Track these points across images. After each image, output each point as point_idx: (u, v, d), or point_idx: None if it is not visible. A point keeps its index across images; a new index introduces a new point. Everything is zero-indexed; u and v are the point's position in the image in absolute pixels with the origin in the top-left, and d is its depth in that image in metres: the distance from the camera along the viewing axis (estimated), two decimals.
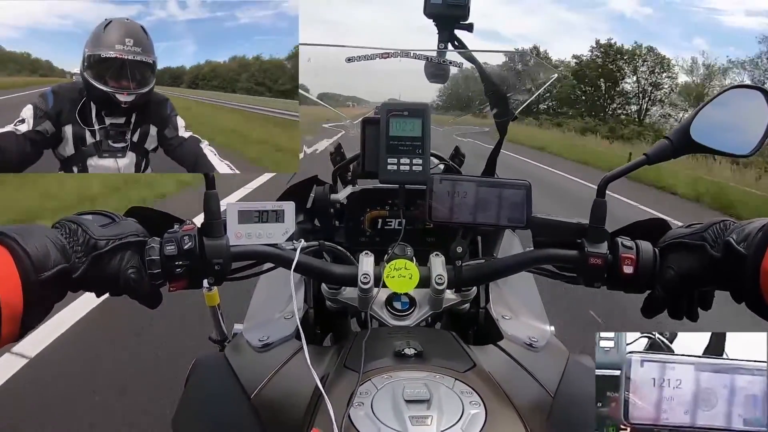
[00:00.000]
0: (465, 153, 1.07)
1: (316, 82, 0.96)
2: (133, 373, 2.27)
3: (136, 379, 2.21)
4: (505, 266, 0.80)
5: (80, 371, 2.28)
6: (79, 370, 2.29)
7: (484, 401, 0.58)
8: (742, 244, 0.59)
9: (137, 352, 2.43)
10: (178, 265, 0.66)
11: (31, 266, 0.54)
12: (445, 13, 0.95)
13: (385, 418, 0.54)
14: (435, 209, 0.74)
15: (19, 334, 0.55)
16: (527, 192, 0.73)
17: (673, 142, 0.71)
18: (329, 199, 1.01)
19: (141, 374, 2.25)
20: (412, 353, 0.66)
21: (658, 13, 62.18)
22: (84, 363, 2.35)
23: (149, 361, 2.34)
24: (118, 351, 2.45)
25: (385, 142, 0.81)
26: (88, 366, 2.33)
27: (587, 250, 0.71)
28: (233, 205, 0.71)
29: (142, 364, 2.33)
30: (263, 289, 1.04)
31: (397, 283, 0.74)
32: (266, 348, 0.82)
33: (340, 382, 0.63)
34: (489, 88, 0.98)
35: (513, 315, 0.93)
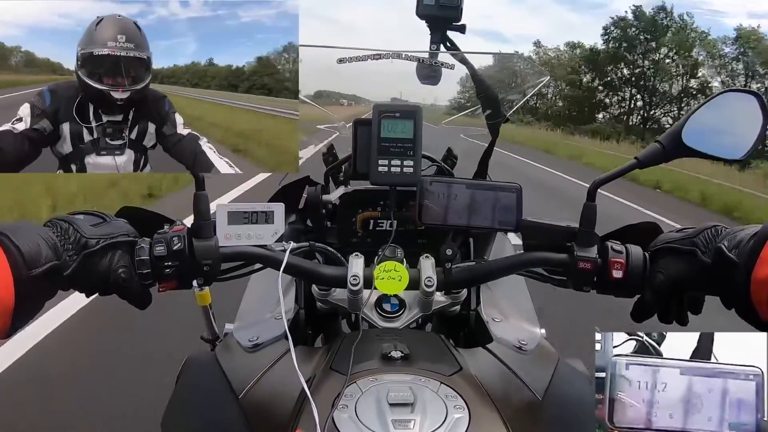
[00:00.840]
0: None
1: (313, 83, 0.96)
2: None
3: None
4: (494, 269, 0.80)
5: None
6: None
7: (468, 405, 0.57)
8: (733, 251, 0.59)
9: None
10: (167, 265, 0.66)
11: (23, 262, 0.54)
12: (437, 14, 0.95)
13: (368, 421, 0.54)
14: (425, 211, 0.74)
15: (10, 331, 0.56)
16: (518, 195, 0.73)
17: (665, 146, 0.70)
18: (321, 199, 1.00)
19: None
20: (399, 356, 0.66)
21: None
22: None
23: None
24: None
25: (377, 144, 0.81)
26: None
27: (577, 253, 0.71)
28: (223, 206, 0.71)
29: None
30: (254, 289, 1.03)
31: (387, 285, 0.74)
32: (256, 348, 0.82)
33: (326, 384, 0.63)
34: (481, 89, 0.98)
35: (503, 318, 0.93)
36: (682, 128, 0.69)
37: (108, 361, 2.37)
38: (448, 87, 1.00)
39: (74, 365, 2.35)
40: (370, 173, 0.82)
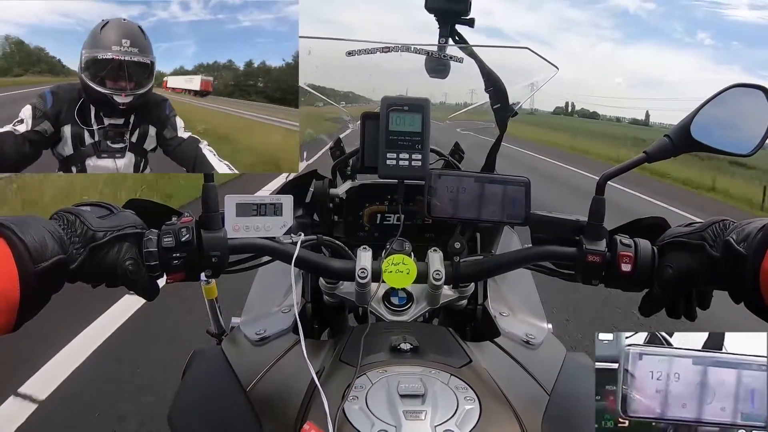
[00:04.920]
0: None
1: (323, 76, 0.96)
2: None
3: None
4: (502, 263, 0.80)
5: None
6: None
7: (479, 397, 0.58)
8: (742, 244, 0.59)
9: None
10: (175, 257, 0.66)
11: (29, 257, 0.54)
12: (446, 7, 0.95)
13: (379, 413, 0.54)
14: (433, 205, 0.74)
15: (16, 325, 0.55)
16: (526, 188, 0.73)
17: (674, 140, 0.70)
18: (328, 193, 1.01)
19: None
20: (408, 348, 0.66)
21: (661, 8, 62.58)
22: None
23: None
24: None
25: (385, 137, 0.81)
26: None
27: (585, 247, 0.71)
28: (231, 198, 0.71)
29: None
30: (261, 283, 1.04)
31: (395, 278, 0.74)
32: (263, 341, 0.82)
33: (335, 376, 0.63)
34: (489, 84, 0.98)
35: (511, 312, 0.93)
36: (691, 122, 0.69)
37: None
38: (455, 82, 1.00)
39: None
40: (379, 167, 0.82)
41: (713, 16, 73.42)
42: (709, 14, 72.20)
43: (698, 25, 70.24)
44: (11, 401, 2.05)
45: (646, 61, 66.38)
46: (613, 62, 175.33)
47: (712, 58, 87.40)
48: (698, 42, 67.66)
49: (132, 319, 2.74)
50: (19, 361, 2.26)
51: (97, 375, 2.27)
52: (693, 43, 73.83)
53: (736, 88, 0.70)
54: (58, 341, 2.46)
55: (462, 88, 1.03)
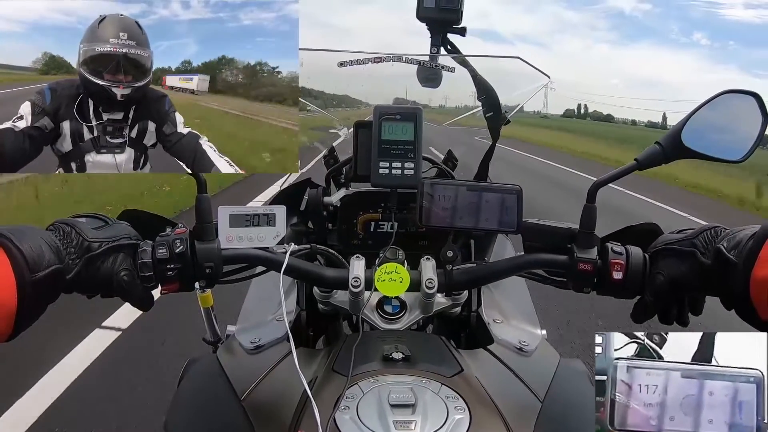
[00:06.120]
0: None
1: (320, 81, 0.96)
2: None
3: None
4: (494, 271, 0.80)
5: None
6: None
7: (469, 406, 0.58)
8: (732, 252, 0.59)
9: None
10: (169, 268, 0.67)
11: (26, 266, 0.54)
12: (437, 16, 0.94)
13: (370, 422, 0.54)
14: (426, 213, 0.74)
15: (12, 334, 0.56)
16: (518, 197, 0.73)
17: (664, 147, 0.70)
18: (322, 201, 1.01)
19: None
20: (400, 357, 0.66)
21: (657, 9, 62.64)
22: None
23: None
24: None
25: (377, 146, 0.81)
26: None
27: (577, 255, 0.71)
28: (225, 209, 0.71)
29: None
30: (256, 291, 1.04)
31: (388, 287, 0.74)
32: (258, 350, 0.83)
33: (327, 386, 0.63)
34: (482, 92, 0.98)
35: (504, 319, 0.93)
36: (682, 129, 0.69)
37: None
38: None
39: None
40: (371, 175, 0.82)
41: (709, 15, 73.01)
42: (705, 14, 71.79)
43: (694, 26, 69.42)
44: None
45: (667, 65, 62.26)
46: (615, 63, 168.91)
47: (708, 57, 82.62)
48: (694, 42, 66.88)
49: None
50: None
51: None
52: (689, 43, 72.87)
53: (728, 94, 0.70)
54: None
55: (463, 90, 1.02)
